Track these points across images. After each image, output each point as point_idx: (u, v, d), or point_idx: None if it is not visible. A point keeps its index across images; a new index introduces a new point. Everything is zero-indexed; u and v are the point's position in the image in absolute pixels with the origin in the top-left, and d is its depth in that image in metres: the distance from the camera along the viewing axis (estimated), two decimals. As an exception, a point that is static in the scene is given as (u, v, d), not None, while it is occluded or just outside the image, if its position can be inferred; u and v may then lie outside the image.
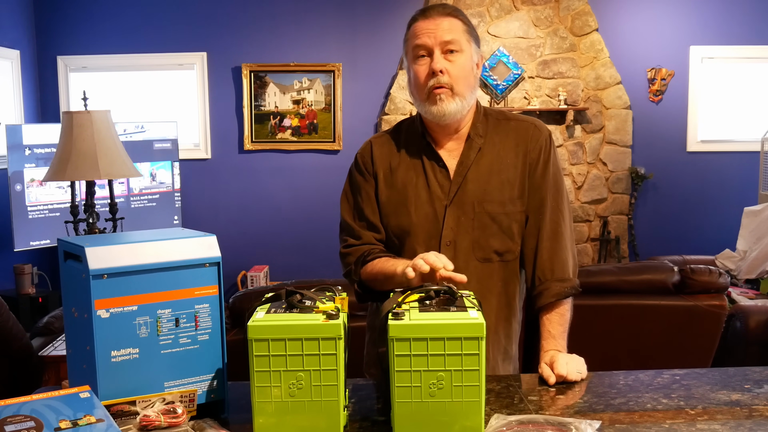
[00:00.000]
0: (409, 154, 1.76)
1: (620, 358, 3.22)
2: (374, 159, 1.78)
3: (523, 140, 1.74)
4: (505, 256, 1.74)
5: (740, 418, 1.37)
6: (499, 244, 1.72)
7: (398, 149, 1.77)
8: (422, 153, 1.75)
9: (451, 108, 1.66)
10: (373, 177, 1.78)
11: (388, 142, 1.80)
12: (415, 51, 1.69)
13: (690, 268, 3.20)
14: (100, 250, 1.32)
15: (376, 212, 1.77)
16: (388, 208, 1.76)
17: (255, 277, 5.53)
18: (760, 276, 4.55)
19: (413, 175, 1.74)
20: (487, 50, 5.69)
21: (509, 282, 1.77)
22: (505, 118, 1.79)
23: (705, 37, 5.87)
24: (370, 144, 1.82)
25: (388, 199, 1.76)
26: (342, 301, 1.39)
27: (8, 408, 1.18)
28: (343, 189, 1.85)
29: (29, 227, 4.82)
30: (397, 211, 1.74)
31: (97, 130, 3.67)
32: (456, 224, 1.70)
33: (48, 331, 3.31)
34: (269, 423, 1.29)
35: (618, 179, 5.90)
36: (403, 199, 1.74)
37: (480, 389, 1.27)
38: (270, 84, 5.81)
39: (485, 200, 1.71)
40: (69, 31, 5.76)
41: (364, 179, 1.79)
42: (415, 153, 1.76)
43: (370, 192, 1.78)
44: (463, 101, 1.68)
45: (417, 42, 1.68)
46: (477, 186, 1.71)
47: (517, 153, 1.74)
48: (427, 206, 1.72)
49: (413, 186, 1.73)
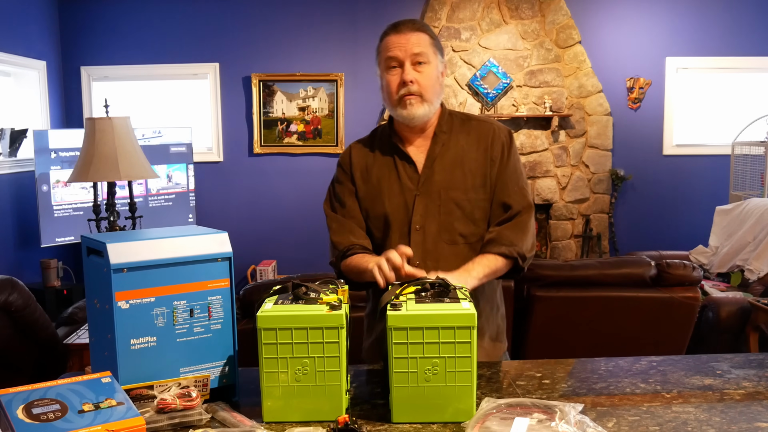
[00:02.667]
0: (382, 154, 1.84)
1: (601, 346, 3.22)
2: (352, 160, 1.86)
3: (484, 137, 1.80)
4: (469, 239, 1.78)
5: (712, 401, 1.37)
6: (463, 228, 1.77)
7: (373, 151, 1.85)
8: (393, 152, 1.82)
9: (419, 112, 1.74)
10: (350, 175, 1.85)
11: (364, 146, 1.88)
12: (387, 62, 1.75)
13: (666, 263, 3.20)
14: (121, 246, 1.32)
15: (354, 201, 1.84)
16: (366, 201, 1.83)
17: (264, 271, 5.53)
18: (731, 270, 4.56)
19: (386, 171, 1.81)
20: (478, 61, 5.68)
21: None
22: (468, 119, 1.86)
23: (680, 49, 5.87)
24: (350, 148, 1.90)
25: (366, 193, 1.83)
26: (344, 293, 1.39)
27: (35, 392, 1.18)
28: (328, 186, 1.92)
29: (55, 225, 4.81)
30: (373, 202, 1.81)
31: (117, 135, 3.67)
32: (425, 211, 1.76)
33: (72, 321, 3.31)
34: (277, 406, 1.29)
35: (599, 180, 5.90)
36: (377, 192, 1.81)
37: (472, 374, 1.27)
38: (277, 92, 5.81)
39: (450, 188, 1.76)
40: (92, 44, 5.75)
41: (345, 176, 1.87)
42: (387, 152, 1.83)
43: (349, 185, 1.85)
44: (431, 106, 1.76)
45: (389, 54, 1.73)
46: (442, 176, 1.77)
47: (479, 148, 1.79)
48: (398, 197, 1.78)
49: (386, 180, 1.80)
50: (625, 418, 1.29)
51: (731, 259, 4.57)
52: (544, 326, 3.24)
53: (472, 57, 5.69)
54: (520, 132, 5.77)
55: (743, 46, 5.87)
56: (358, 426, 1.19)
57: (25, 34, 5.15)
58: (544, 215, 5.94)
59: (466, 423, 1.25)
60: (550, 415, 1.23)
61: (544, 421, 1.21)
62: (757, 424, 1.26)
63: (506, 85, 5.68)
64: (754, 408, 1.33)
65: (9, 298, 2.52)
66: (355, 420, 1.21)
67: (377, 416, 1.32)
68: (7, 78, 5.11)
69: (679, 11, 5.84)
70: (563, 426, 1.18)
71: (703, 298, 3.43)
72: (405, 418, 1.28)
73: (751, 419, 1.28)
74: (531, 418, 1.22)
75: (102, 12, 5.72)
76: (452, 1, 5.65)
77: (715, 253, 4.77)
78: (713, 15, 5.85)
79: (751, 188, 5.42)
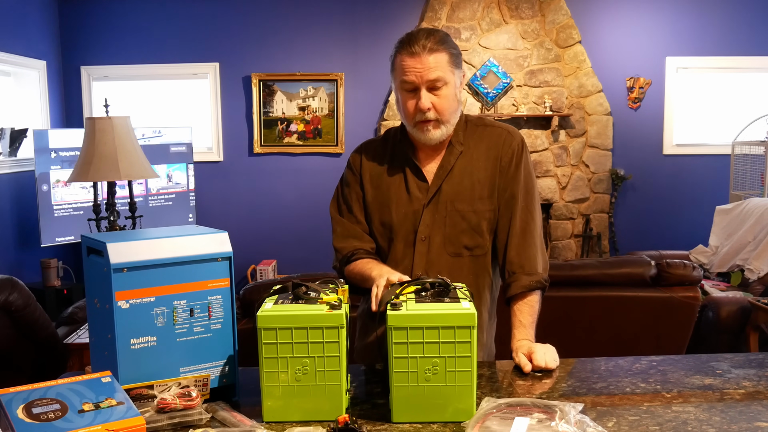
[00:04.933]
0: (393, 160, 1.79)
1: (601, 346, 3.22)
2: (362, 163, 1.81)
3: (495, 145, 1.75)
4: (475, 251, 1.75)
5: (712, 401, 1.37)
6: (468, 240, 1.73)
7: (384, 155, 1.80)
8: (405, 160, 1.77)
9: (437, 135, 1.69)
10: (360, 178, 1.81)
11: (375, 149, 1.83)
12: (402, 85, 1.68)
13: (666, 262, 3.20)
14: (121, 246, 1.32)
15: (361, 207, 1.80)
16: (373, 207, 1.78)
17: (264, 271, 5.53)
18: (731, 269, 4.56)
19: (396, 178, 1.77)
20: (479, 61, 5.68)
21: (479, 275, 1.77)
22: (482, 124, 1.80)
23: (680, 49, 5.87)
24: (361, 150, 1.85)
25: (374, 198, 1.78)
26: (344, 293, 1.39)
27: (36, 392, 1.18)
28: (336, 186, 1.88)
29: (55, 224, 4.81)
30: (380, 210, 1.77)
31: (117, 134, 3.67)
32: (431, 222, 1.73)
33: (72, 320, 3.31)
34: (277, 405, 1.29)
35: (599, 180, 5.90)
36: (386, 199, 1.77)
37: (472, 374, 1.27)
38: (277, 92, 5.81)
39: (456, 199, 1.72)
40: (92, 43, 5.75)
41: (354, 179, 1.82)
42: (399, 160, 1.78)
43: (357, 189, 1.81)
44: (449, 126, 1.70)
45: (404, 78, 1.66)
46: (450, 187, 1.73)
47: (488, 156, 1.75)
48: (406, 206, 1.74)
49: (396, 189, 1.76)
50: (625, 418, 1.29)
51: (731, 259, 4.57)
52: (544, 326, 3.23)
53: (472, 57, 5.69)
54: (521, 131, 5.75)
55: (743, 46, 5.87)
56: (358, 426, 1.19)
57: (25, 33, 5.15)
58: (544, 215, 5.94)
59: (466, 423, 1.25)
60: (550, 414, 1.23)
61: (544, 420, 1.21)
62: (757, 424, 1.26)
63: (506, 84, 5.68)
64: (754, 408, 1.33)
65: (9, 298, 2.52)
66: (355, 420, 1.21)
67: (377, 416, 1.32)
68: (7, 78, 5.11)
69: (679, 11, 5.84)
70: (563, 426, 1.18)
71: (703, 297, 3.43)
72: (405, 418, 1.28)
73: (751, 419, 1.28)
74: (531, 418, 1.22)
75: (102, 12, 5.72)
76: (452, 0, 5.65)
77: (715, 252, 4.77)
78: (713, 15, 5.85)
79: (751, 188, 5.42)
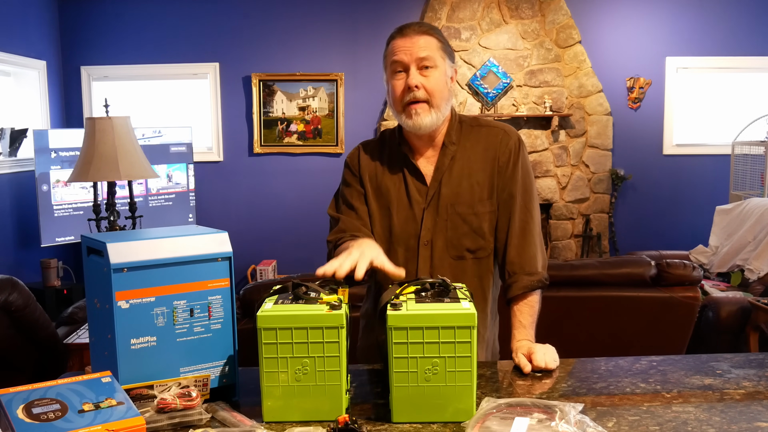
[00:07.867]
0: (390, 163, 1.77)
1: (601, 346, 3.22)
2: (361, 162, 1.79)
3: (492, 145, 1.74)
4: (478, 254, 1.73)
5: (712, 401, 1.37)
6: (470, 243, 1.72)
7: (381, 158, 1.79)
8: (402, 162, 1.76)
9: (426, 121, 1.66)
10: (359, 177, 1.79)
11: (373, 150, 1.81)
12: (392, 67, 1.68)
13: (666, 263, 3.20)
14: (121, 246, 1.31)
15: (363, 204, 1.78)
16: (374, 212, 1.77)
17: (264, 271, 5.53)
18: (731, 269, 4.56)
19: (395, 181, 1.75)
20: (479, 61, 5.69)
21: (483, 277, 1.76)
22: (477, 125, 1.78)
23: (680, 49, 5.88)
24: (359, 150, 1.83)
25: (375, 199, 1.77)
26: (344, 293, 1.39)
27: (35, 392, 1.18)
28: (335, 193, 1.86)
29: (55, 224, 4.81)
30: (381, 215, 1.76)
31: (117, 134, 3.67)
32: (432, 225, 1.71)
33: (72, 320, 3.31)
34: (277, 405, 1.29)
35: (599, 180, 5.90)
36: (386, 203, 1.75)
37: (472, 374, 1.27)
38: (277, 92, 5.81)
39: (456, 203, 1.71)
40: (92, 44, 5.76)
41: (353, 178, 1.80)
42: (396, 162, 1.76)
43: (359, 187, 1.79)
44: (439, 113, 1.68)
45: (394, 58, 1.67)
46: (449, 190, 1.71)
47: (486, 157, 1.73)
48: (407, 210, 1.73)
49: (395, 192, 1.74)
50: (625, 418, 1.29)
51: (731, 259, 4.57)
52: (544, 326, 3.23)
53: (472, 57, 5.69)
54: (521, 132, 5.76)
55: (743, 46, 5.87)
56: (358, 426, 1.19)
57: (25, 34, 5.15)
58: (544, 215, 5.94)
59: (466, 423, 1.25)
60: (550, 414, 1.23)
61: (544, 420, 1.21)
62: (757, 424, 1.26)
63: (506, 84, 5.68)
64: (754, 408, 1.33)
65: (9, 298, 2.52)
66: (355, 420, 1.21)
67: (377, 416, 1.32)
68: (7, 78, 5.11)
69: (679, 11, 5.84)
70: (563, 426, 1.18)
71: (703, 297, 3.43)
72: (405, 418, 1.28)
73: (751, 419, 1.28)
74: (531, 418, 1.22)
75: (102, 12, 5.73)
76: (452, 0, 5.65)
77: (715, 252, 4.77)
78: (713, 15, 5.85)
79: (751, 188, 5.42)
